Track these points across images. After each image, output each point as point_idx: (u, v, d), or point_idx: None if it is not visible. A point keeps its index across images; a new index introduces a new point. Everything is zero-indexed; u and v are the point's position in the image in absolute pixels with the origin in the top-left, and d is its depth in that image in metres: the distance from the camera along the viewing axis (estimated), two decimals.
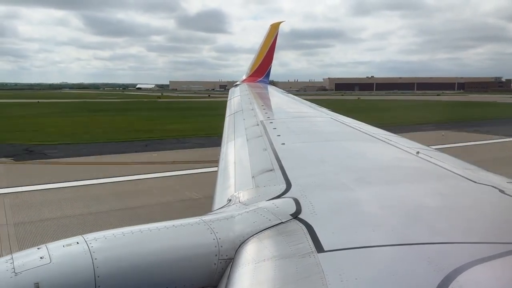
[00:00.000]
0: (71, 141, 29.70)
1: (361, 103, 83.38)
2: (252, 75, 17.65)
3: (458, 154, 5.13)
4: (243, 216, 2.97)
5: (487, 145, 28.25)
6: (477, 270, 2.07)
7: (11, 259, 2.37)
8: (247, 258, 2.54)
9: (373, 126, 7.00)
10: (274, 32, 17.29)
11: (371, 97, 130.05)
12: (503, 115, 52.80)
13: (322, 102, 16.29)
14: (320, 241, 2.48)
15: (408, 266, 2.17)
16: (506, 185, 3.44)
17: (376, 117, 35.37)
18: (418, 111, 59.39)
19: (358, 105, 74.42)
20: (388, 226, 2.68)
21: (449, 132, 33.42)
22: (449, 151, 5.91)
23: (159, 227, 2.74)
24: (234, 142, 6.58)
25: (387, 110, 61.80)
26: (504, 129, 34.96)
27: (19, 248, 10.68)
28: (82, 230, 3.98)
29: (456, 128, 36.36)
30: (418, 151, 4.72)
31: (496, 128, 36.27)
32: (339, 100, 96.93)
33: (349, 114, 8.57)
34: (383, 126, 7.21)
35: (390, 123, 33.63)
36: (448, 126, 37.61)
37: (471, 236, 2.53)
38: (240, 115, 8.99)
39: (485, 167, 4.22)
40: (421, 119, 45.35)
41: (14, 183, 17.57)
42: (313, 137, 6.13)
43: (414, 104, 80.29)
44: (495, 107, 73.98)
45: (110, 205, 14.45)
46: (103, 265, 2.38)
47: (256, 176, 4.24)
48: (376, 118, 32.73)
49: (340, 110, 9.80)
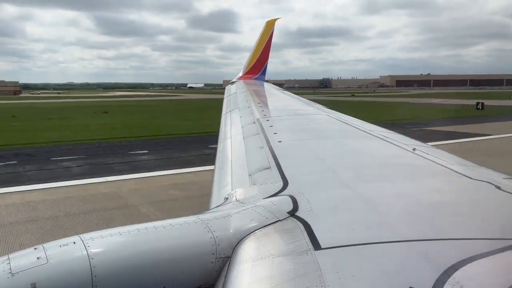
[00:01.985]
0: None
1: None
2: (248, 73, 17.60)
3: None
4: (240, 215, 2.97)
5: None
6: (474, 266, 2.07)
7: (8, 259, 2.36)
8: (245, 256, 2.54)
9: (370, 124, 7.01)
10: (270, 29, 17.23)
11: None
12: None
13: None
14: (317, 239, 2.49)
15: (405, 262, 2.18)
16: (502, 181, 3.46)
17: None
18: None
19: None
20: (385, 223, 2.68)
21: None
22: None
23: (156, 226, 2.73)
24: (230, 140, 6.57)
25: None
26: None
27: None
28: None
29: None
30: (415, 148, 4.73)
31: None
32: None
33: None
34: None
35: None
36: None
37: (468, 232, 2.54)
38: (236, 113, 8.97)
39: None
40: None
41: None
42: (310, 134, 6.13)
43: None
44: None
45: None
46: (100, 265, 2.37)
47: (253, 174, 4.24)
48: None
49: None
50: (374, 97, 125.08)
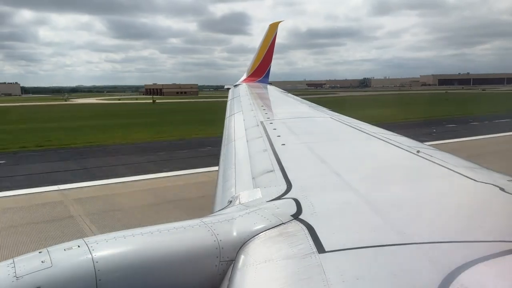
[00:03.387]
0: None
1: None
2: (251, 75, 17.64)
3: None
4: (244, 218, 2.97)
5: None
6: (479, 269, 2.06)
7: (12, 263, 2.37)
8: (248, 259, 2.54)
9: (373, 125, 6.99)
10: (273, 32, 17.26)
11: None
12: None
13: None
14: (321, 242, 2.49)
15: (409, 265, 2.17)
16: (507, 183, 3.44)
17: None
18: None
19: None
20: (389, 226, 2.68)
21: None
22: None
23: (160, 230, 2.74)
24: (234, 143, 6.58)
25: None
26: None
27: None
28: None
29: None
30: (419, 150, 4.72)
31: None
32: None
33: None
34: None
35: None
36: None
37: (472, 235, 2.53)
38: (240, 116, 8.98)
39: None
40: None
41: None
42: (313, 137, 6.12)
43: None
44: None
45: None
46: (105, 269, 2.38)
47: (256, 177, 4.24)
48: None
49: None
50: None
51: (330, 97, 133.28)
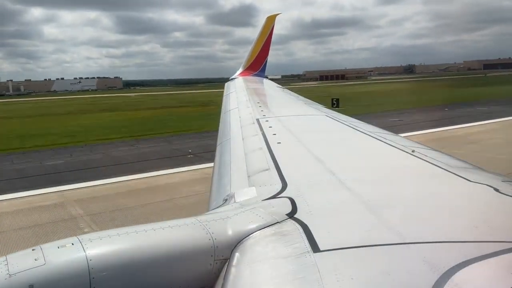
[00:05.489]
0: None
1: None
2: (248, 69, 17.47)
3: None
4: (239, 216, 2.96)
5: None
6: (473, 269, 2.08)
7: (5, 260, 2.35)
8: (243, 258, 2.54)
9: (369, 125, 6.99)
10: (270, 25, 17.09)
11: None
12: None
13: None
14: (316, 241, 2.49)
15: (403, 265, 2.19)
16: (501, 184, 3.46)
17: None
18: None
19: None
20: (384, 226, 2.69)
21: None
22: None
23: (154, 228, 2.73)
24: (229, 141, 6.54)
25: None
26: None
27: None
28: None
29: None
30: (414, 150, 4.73)
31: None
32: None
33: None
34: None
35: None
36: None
37: (466, 235, 2.54)
38: (235, 113, 8.93)
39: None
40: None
41: None
42: (309, 136, 6.10)
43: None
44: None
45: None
46: (98, 266, 2.37)
47: (251, 176, 4.24)
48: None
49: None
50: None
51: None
